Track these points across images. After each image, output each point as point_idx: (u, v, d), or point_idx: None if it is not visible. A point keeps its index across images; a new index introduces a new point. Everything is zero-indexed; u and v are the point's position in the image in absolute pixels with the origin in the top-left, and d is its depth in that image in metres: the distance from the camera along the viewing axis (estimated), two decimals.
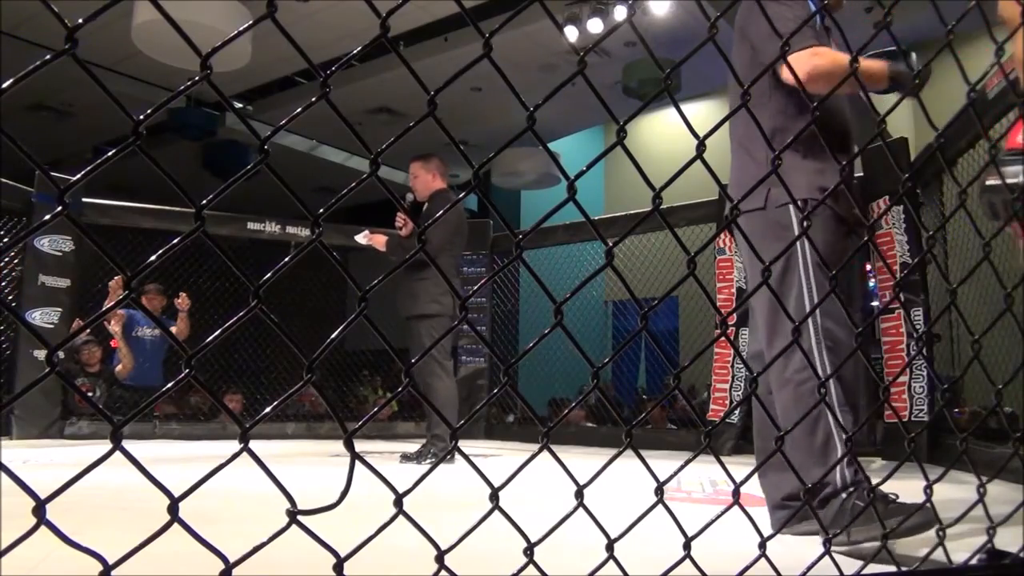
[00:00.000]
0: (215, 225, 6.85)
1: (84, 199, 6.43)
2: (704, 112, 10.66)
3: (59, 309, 6.06)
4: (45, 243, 6.06)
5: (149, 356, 6.64)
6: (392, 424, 7.13)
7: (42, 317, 5.99)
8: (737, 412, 5.68)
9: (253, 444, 0.70)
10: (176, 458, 4.27)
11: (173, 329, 6.63)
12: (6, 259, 6.03)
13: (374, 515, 0.75)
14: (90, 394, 6.18)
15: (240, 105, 9.57)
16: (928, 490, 1.10)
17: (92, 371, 6.44)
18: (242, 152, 10.38)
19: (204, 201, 0.63)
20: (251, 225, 7.03)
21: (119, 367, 6.50)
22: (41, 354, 5.91)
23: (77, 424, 5.99)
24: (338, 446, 4.66)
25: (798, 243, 1.73)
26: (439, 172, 4.71)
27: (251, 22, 0.67)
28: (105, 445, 0.61)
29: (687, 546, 0.90)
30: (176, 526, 0.66)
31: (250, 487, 0.64)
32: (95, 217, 6.47)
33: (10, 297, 6.04)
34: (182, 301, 6.51)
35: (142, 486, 0.69)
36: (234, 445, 0.69)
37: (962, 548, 1.26)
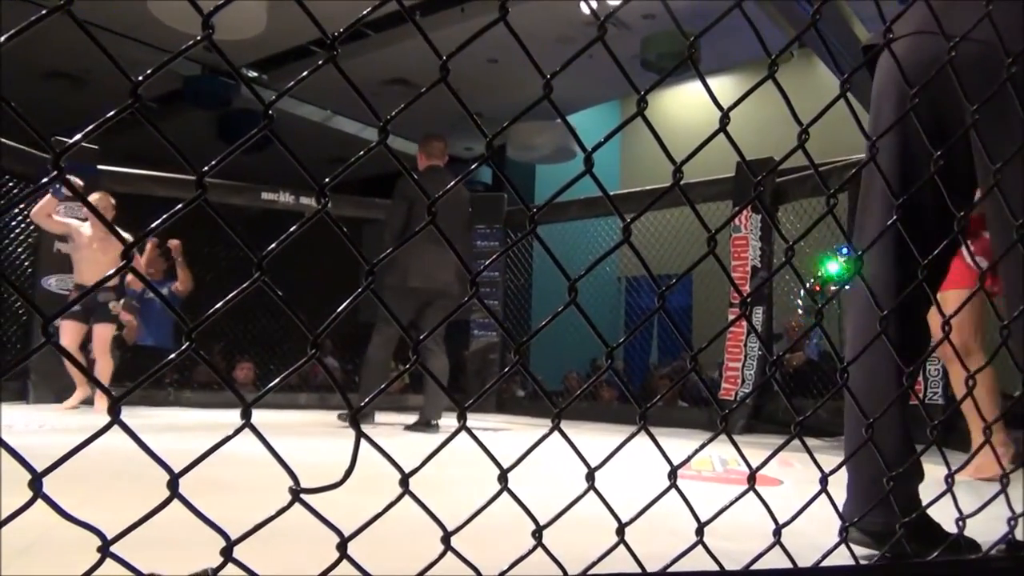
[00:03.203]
0: (228, 194, 6.82)
1: (100, 167, 6.42)
2: (723, 88, 10.50)
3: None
4: (61, 210, 6.07)
5: (160, 318, 6.66)
6: (404, 396, 7.16)
7: (58, 284, 6.03)
8: (749, 391, 5.66)
9: (264, 414, 0.68)
10: (189, 426, 4.30)
11: (177, 284, 6.63)
12: (23, 226, 6.06)
13: (383, 488, 0.74)
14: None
15: (255, 74, 9.51)
16: (950, 480, 1.08)
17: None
18: (257, 122, 10.30)
19: (206, 168, 0.61)
20: (265, 195, 7.00)
21: (124, 332, 6.57)
22: (59, 321, 5.97)
23: (95, 389, 6.05)
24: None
25: None
26: (426, 153, 4.84)
27: None
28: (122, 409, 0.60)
29: (699, 532, 0.88)
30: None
31: (263, 455, 0.63)
32: (112, 185, 6.46)
33: (26, 263, 6.08)
34: (174, 248, 6.42)
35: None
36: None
37: (981, 538, 1.24)
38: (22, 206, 6.03)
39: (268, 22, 6.84)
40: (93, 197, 5.33)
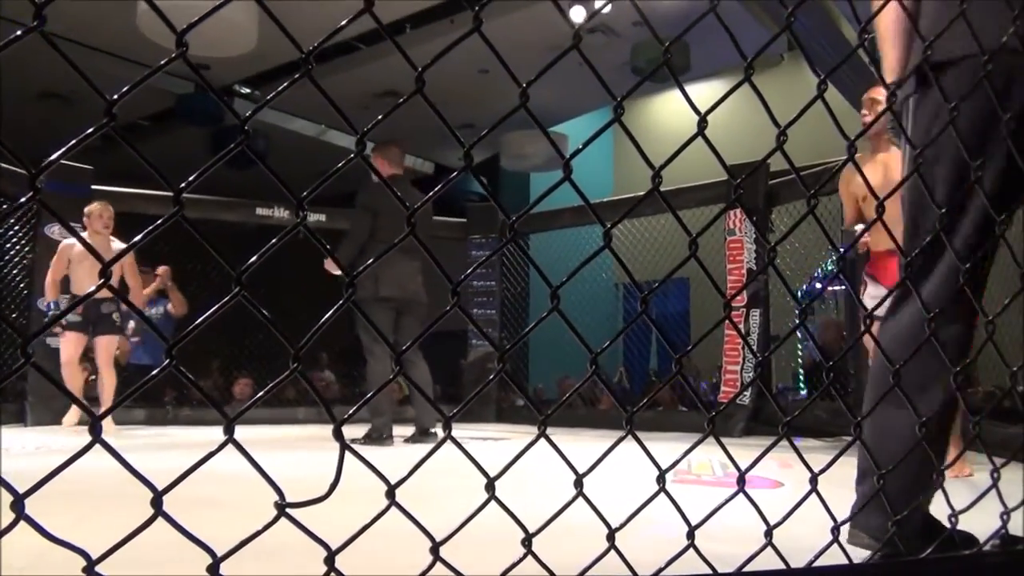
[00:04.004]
0: (222, 211, 6.85)
1: (93, 186, 6.43)
2: (714, 92, 10.53)
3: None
4: (56, 231, 6.06)
5: (153, 336, 6.68)
6: (403, 408, 7.14)
7: (53, 305, 6.01)
8: (748, 393, 5.65)
9: (262, 430, 0.68)
10: (190, 443, 4.28)
11: (171, 307, 6.66)
12: (17, 247, 6.06)
13: (372, 500, 0.74)
14: (93, 378, 6.30)
15: (247, 91, 9.54)
16: (939, 477, 1.08)
17: (92, 357, 6.53)
18: (251, 140, 10.34)
19: (183, 184, 0.61)
20: (259, 211, 7.03)
21: (116, 352, 6.59)
22: (53, 341, 5.96)
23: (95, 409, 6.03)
24: (348, 431, 4.69)
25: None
26: (387, 160, 4.83)
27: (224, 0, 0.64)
28: (117, 431, 0.60)
29: (690, 535, 0.88)
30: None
31: (253, 470, 0.63)
32: None
33: (22, 285, 6.07)
34: (162, 274, 6.48)
35: (144, 472, 0.67)
36: (244, 430, 0.67)
37: (975, 533, 1.24)
38: (17, 227, 6.04)
39: (259, 39, 6.86)
40: (95, 206, 5.29)
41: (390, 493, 0.72)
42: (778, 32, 0.93)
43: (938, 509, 1.16)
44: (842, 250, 1.13)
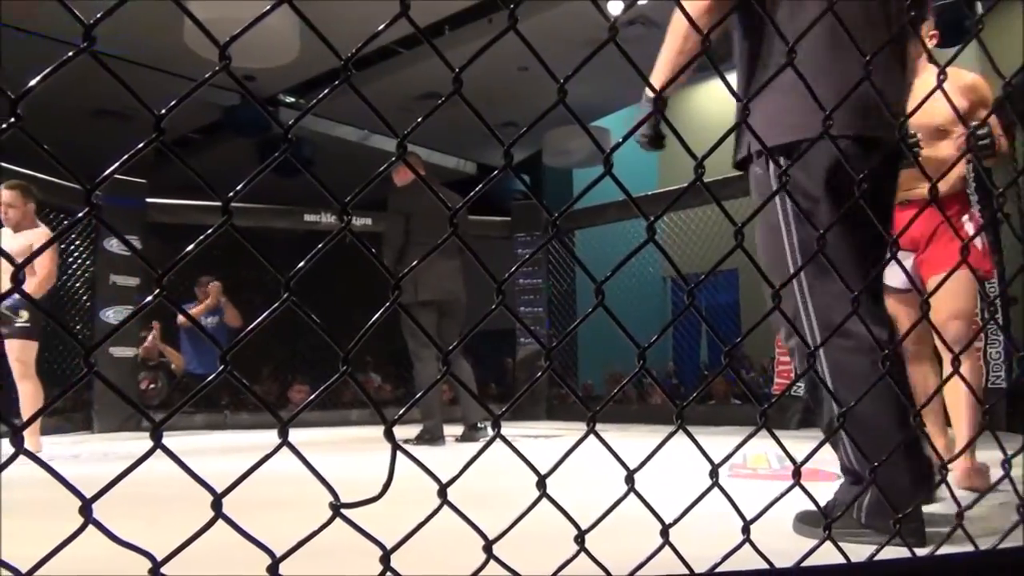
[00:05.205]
0: (273, 218, 7.01)
1: (148, 199, 6.63)
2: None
3: (130, 307, 6.27)
4: (114, 244, 6.27)
5: (209, 345, 6.89)
6: (452, 408, 7.20)
7: (115, 315, 6.22)
8: (803, 385, 5.54)
9: (317, 432, 0.69)
10: (243, 447, 4.38)
11: (226, 319, 6.87)
12: (79, 260, 6.28)
13: (424, 499, 0.75)
14: (152, 386, 6.50)
15: (292, 100, 9.71)
16: (1007, 464, 1.04)
17: (153, 365, 6.76)
18: (298, 146, 10.52)
19: (231, 194, 0.62)
20: (307, 217, 7.15)
21: (173, 365, 6.84)
22: (118, 351, 6.17)
23: (155, 416, 6.23)
24: (402, 431, 4.74)
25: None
26: (416, 164, 4.89)
27: (268, 8, 0.65)
28: (177, 436, 0.62)
29: (745, 530, 0.87)
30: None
31: (307, 473, 0.65)
32: (159, 216, 6.67)
33: (84, 297, 6.29)
34: (215, 289, 6.74)
35: (203, 475, 0.69)
36: (301, 433, 0.69)
37: None
38: (78, 241, 6.26)
39: (302, 48, 6.97)
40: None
41: (442, 492, 0.73)
42: (819, 15, 0.91)
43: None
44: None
